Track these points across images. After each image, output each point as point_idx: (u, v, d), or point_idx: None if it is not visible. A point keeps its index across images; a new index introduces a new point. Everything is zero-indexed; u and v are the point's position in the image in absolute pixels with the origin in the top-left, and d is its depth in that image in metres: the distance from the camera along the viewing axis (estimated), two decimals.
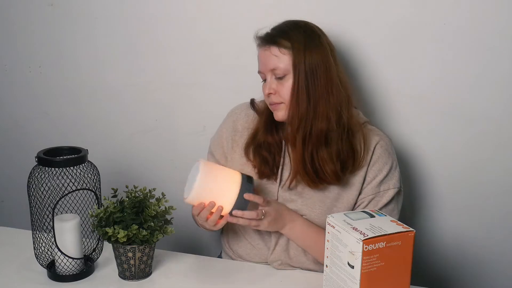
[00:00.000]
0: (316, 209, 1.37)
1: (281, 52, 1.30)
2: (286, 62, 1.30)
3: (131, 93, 1.83)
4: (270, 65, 1.31)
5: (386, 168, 1.36)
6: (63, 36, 1.85)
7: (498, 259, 1.65)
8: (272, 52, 1.31)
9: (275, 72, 1.31)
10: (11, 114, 2.00)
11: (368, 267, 1.02)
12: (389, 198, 1.36)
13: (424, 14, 1.49)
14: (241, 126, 1.45)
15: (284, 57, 1.30)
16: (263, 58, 1.33)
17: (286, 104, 1.32)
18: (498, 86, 1.50)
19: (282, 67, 1.30)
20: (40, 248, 1.32)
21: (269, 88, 1.33)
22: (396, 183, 1.38)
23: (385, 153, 1.37)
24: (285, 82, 1.31)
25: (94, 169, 1.30)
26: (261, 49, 1.34)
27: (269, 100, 1.35)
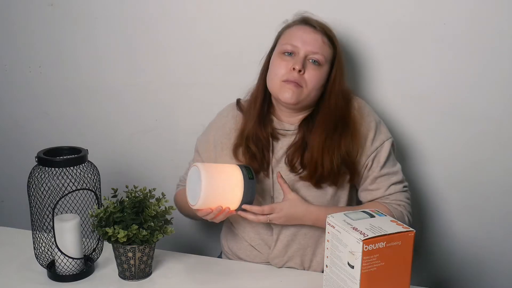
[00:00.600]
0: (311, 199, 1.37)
1: (328, 44, 1.36)
2: (328, 54, 1.36)
3: (131, 93, 1.83)
4: (314, 47, 1.33)
5: (372, 125, 1.38)
6: (63, 36, 1.85)
7: (498, 259, 1.64)
8: (322, 39, 1.35)
9: (315, 56, 1.33)
10: (11, 114, 2.00)
11: (368, 267, 1.02)
12: (387, 151, 1.39)
13: (424, 14, 1.49)
14: (229, 128, 1.46)
15: (329, 50, 1.36)
16: (308, 37, 1.34)
17: (305, 91, 1.33)
18: (498, 86, 1.50)
19: (325, 56, 1.35)
20: (40, 248, 1.32)
21: (301, 65, 1.32)
22: (387, 135, 1.41)
23: (366, 114, 1.39)
24: (319, 70, 1.34)
25: (94, 169, 1.30)
26: (309, 30, 1.36)
27: (289, 76, 1.32)
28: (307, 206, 1.34)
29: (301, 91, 1.32)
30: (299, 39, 1.34)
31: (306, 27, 1.36)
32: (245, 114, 1.44)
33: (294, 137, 1.40)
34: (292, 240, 1.39)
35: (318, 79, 1.33)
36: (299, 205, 1.33)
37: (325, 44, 1.35)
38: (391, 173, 1.39)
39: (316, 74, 1.33)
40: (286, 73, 1.32)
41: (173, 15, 1.71)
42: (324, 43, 1.35)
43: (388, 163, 1.39)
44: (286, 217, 1.33)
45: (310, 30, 1.35)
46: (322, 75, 1.34)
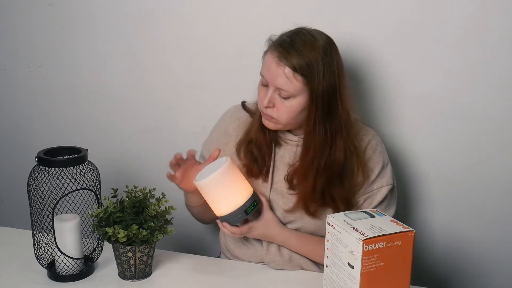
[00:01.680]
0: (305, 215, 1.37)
1: (295, 77, 1.24)
2: (297, 88, 1.25)
3: (131, 93, 1.83)
4: (278, 83, 1.25)
5: (378, 167, 1.36)
6: (63, 36, 1.85)
7: (498, 259, 1.64)
8: (285, 72, 1.24)
9: (281, 91, 1.26)
10: (11, 114, 2.00)
11: (368, 267, 1.02)
12: (383, 195, 1.37)
13: (425, 14, 1.49)
14: (232, 129, 1.46)
15: (296, 83, 1.24)
16: (273, 71, 1.26)
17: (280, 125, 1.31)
18: (498, 86, 1.50)
19: (290, 91, 1.25)
20: (40, 248, 1.32)
21: (268, 102, 1.28)
22: (389, 180, 1.38)
23: (375, 153, 1.37)
24: (288, 103, 1.27)
25: (94, 169, 1.30)
26: (274, 60, 1.26)
27: (264, 110, 1.31)
28: (280, 228, 1.37)
29: (277, 122, 1.31)
30: (267, 71, 1.27)
31: (272, 57, 1.26)
32: (253, 116, 1.43)
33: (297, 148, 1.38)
34: None
35: (288, 112, 1.28)
36: (273, 225, 1.36)
37: (290, 79, 1.23)
38: None
39: (285, 109, 1.27)
40: (262, 105, 1.30)
41: (173, 15, 1.71)
42: (289, 78, 1.23)
43: (380, 207, 1.37)
44: (260, 236, 1.37)
45: (276, 63, 1.24)
46: (293, 107, 1.27)
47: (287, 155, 1.40)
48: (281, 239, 1.37)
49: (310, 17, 1.40)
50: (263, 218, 1.35)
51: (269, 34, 1.39)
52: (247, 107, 1.46)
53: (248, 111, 1.46)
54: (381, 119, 1.60)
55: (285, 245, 1.38)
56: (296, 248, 1.38)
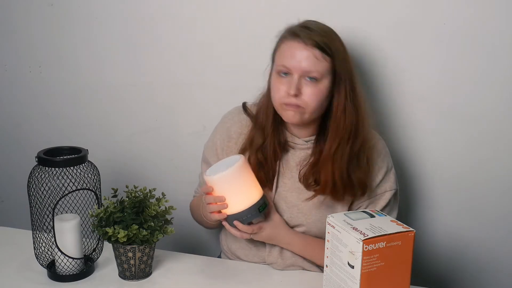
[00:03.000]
0: (312, 217, 1.37)
1: (324, 58, 1.26)
2: (325, 68, 1.26)
3: (131, 93, 1.83)
4: (307, 65, 1.25)
5: (381, 172, 1.37)
6: (63, 36, 1.85)
7: (498, 259, 1.64)
8: (314, 53, 1.25)
9: (310, 73, 1.26)
10: (11, 114, 2.00)
11: (368, 267, 1.02)
12: (386, 200, 1.37)
13: (424, 14, 1.49)
14: (234, 132, 1.44)
15: (324, 63, 1.26)
16: (299, 55, 1.25)
17: (307, 114, 1.29)
18: (498, 86, 1.50)
19: (319, 71, 1.26)
20: (40, 248, 1.32)
21: (297, 88, 1.26)
22: (392, 185, 1.38)
23: (380, 157, 1.37)
24: (317, 86, 1.27)
25: (94, 169, 1.30)
26: (298, 46, 1.26)
27: (288, 100, 1.28)
28: (286, 230, 1.36)
29: (303, 111, 1.29)
30: (291, 59, 1.26)
31: (296, 43, 1.27)
32: (254, 120, 1.41)
33: (302, 152, 1.38)
34: None
35: (318, 95, 1.28)
36: (280, 227, 1.36)
37: (318, 59, 1.25)
38: None
39: (315, 92, 1.27)
40: (284, 97, 1.28)
41: (173, 15, 1.71)
42: (317, 58, 1.25)
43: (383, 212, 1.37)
44: (266, 237, 1.36)
45: (301, 47, 1.26)
46: (321, 90, 1.27)
47: (292, 159, 1.39)
48: (287, 241, 1.36)
49: (309, 17, 1.40)
50: (271, 219, 1.35)
51: (270, 33, 1.39)
52: (248, 110, 1.45)
53: (249, 114, 1.44)
54: (381, 119, 1.59)
55: (290, 247, 1.37)
56: (301, 251, 1.38)
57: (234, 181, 1.26)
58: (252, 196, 1.27)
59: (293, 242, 1.37)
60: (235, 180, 1.26)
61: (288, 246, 1.37)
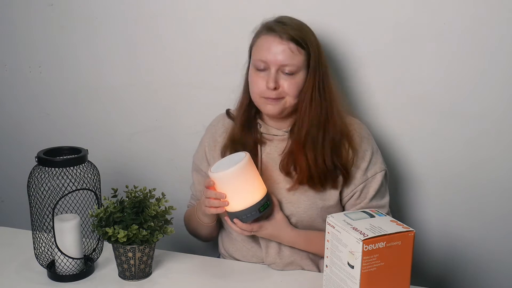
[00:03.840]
0: (301, 205, 1.36)
1: (298, 51, 1.29)
2: (300, 61, 1.30)
3: (131, 93, 1.83)
4: (283, 59, 1.29)
5: (368, 154, 1.37)
6: (63, 36, 1.85)
7: (498, 259, 1.64)
8: (290, 47, 1.29)
9: (286, 67, 1.29)
10: (11, 114, 2.00)
11: (368, 267, 1.02)
12: (378, 182, 1.38)
13: (424, 14, 1.49)
14: (219, 136, 1.47)
15: (299, 56, 1.30)
16: (275, 49, 1.29)
17: (289, 98, 1.32)
18: (498, 86, 1.50)
19: (295, 64, 1.29)
20: (40, 248, 1.32)
21: (275, 82, 1.30)
22: (381, 166, 1.39)
23: (363, 140, 1.38)
24: (294, 78, 1.31)
25: (94, 169, 1.30)
26: (274, 39, 1.30)
27: (267, 94, 1.31)
28: (290, 229, 1.36)
29: (284, 102, 1.32)
30: (267, 53, 1.30)
31: (271, 37, 1.30)
32: (235, 120, 1.44)
33: (283, 143, 1.40)
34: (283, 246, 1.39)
35: (296, 86, 1.31)
36: (283, 226, 1.35)
37: (293, 52, 1.29)
38: (378, 206, 1.39)
39: (292, 83, 1.31)
40: (263, 91, 1.32)
41: (173, 15, 1.71)
42: (293, 51, 1.29)
43: (377, 196, 1.39)
44: (269, 235, 1.36)
45: (276, 41, 1.29)
46: (299, 82, 1.31)
47: (274, 151, 1.40)
48: (290, 239, 1.36)
49: (310, 17, 1.40)
50: (273, 218, 1.34)
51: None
52: (231, 115, 1.48)
53: (232, 118, 1.47)
54: (381, 119, 1.60)
55: (294, 245, 1.37)
56: (305, 248, 1.38)
57: (237, 180, 1.25)
58: (253, 196, 1.27)
59: (296, 241, 1.37)
60: (238, 178, 1.25)
61: (291, 244, 1.37)
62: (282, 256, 1.38)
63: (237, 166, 1.23)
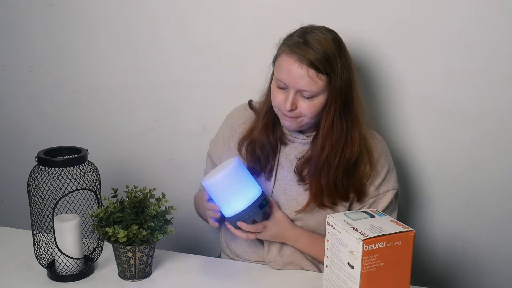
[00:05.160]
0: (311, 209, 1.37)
1: (319, 77, 1.24)
2: (320, 87, 1.26)
3: (131, 93, 1.83)
4: (301, 85, 1.25)
5: (383, 171, 1.37)
6: (63, 36, 1.85)
7: (498, 259, 1.64)
8: (309, 73, 1.24)
9: (304, 93, 1.27)
10: (11, 114, 2.00)
11: (368, 267, 1.02)
12: (388, 200, 1.37)
13: (424, 14, 1.49)
14: (237, 126, 1.46)
15: (320, 82, 1.25)
16: (294, 74, 1.25)
17: (306, 119, 1.30)
18: (498, 86, 1.50)
19: (314, 91, 1.26)
20: (40, 248, 1.32)
21: (292, 104, 1.27)
22: (394, 184, 1.39)
23: (382, 157, 1.38)
24: (313, 101, 1.28)
25: (94, 169, 1.30)
26: (294, 63, 1.25)
27: (284, 112, 1.30)
28: (292, 227, 1.36)
29: (301, 120, 1.31)
30: (287, 75, 1.26)
31: (291, 60, 1.25)
32: (257, 114, 1.43)
33: (303, 146, 1.39)
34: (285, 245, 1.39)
35: (313, 109, 1.29)
36: (285, 225, 1.36)
37: (312, 79, 1.24)
38: None
39: (310, 106, 1.28)
40: (281, 108, 1.30)
41: (173, 15, 1.71)
42: (311, 78, 1.24)
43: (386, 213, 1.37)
44: (272, 236, 1.36)
45: (296, 65, 1.24)
46: (316, 105, 1.28)
47: (292, 153, 1.40)
48: (293, 238, 1.36)
49: (310, 18, 1.40)
50: (274, 217, 1.34)
51: (270, 34, 1.39)
52: (253, 106, 1.47)
53: (254, 110, 1.46)
54: (381, 119, 1.60)
55: (296, 244, 1.37)
56: (306, 248, 1.38)
57: (230, 183, 1.26)
58: (250, 194, 1.28)
59: (300, 239, 1.37)
60: (231, 181, 1.26)
61: (295, 243, 1.37)
62: (282, 255, 1.38)
63: (227, 169, 1.25)
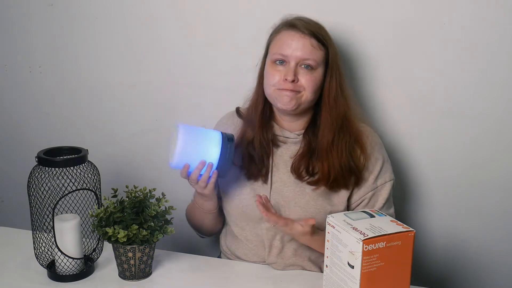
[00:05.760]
0: (310, 209, 1.36)
1: (318, 46, 1.31)
2: (320, 57, 1.32)
3: (131, 93, 1.83)
4: (305, 54, 1.30)
5: (379, 163, 1.38)
6: (63, 36, 1.85)
7: (498, 259, 1.65)
8: (311, 42, 1.31)
9: (307, 61, 1.31)
10: (11, 114, 2.00)
11: (368, 267, 1.02)
12: (387, 191, 1.39)
13: (424, 14, 1.49)
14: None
15: (320, 52, 1.32)
16: (296, 44, 1.30)
17: (306, 93, 1.32)
18: (498, 86, 1.50)
19: (315, 59, 1.31)
20: (40, 248, 1.32)
21: (293, 74, 1.30)
22: (391, 175, 1.40)
23: (375, 149, 1.38)
24: (313, 74, 1.32)
25: (94, 169, 1.30)
26: (295, 35, 1.31)
27: (284, 86, 1.31)
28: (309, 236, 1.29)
29: (300, 96, 1.32)
30: (288, 46, 1.31)
31: (293, 32, 1.32)
32: (245, 119, 1.44)
33: (295, 145, 1.40)
34: (286, 246, 1.39)
35: (314, 82, 1.32)
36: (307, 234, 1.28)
37: (314, 47, 1.31)
38: None
39: (311, 79, 1.31)
40: (280, 83, 1.32)
41: (173, 15, 1.71)
42: (314, 46, 1.31)
43: (385, 206, 1.39)
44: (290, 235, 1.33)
45: (298, 35, 1.31)
46: (317, 78, 1.33)
47: (285, 153, 1.40)
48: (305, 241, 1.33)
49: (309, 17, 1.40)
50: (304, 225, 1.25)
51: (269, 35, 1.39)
52: (241, 113, 1.48)
53: (241, 116, 1.47)
54: (381, 119, 1.60)
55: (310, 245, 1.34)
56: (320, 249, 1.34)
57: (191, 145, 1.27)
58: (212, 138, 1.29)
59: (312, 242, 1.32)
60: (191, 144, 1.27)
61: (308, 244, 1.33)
62: (283, 257, 1.38)
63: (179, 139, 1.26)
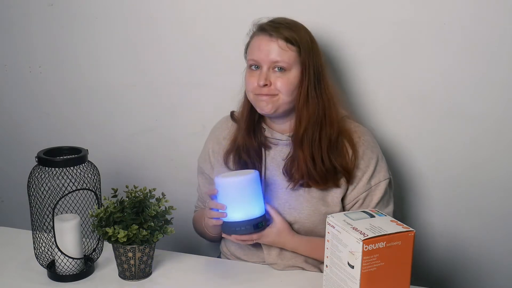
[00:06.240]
0: (304, 210, 1.36)
1: (288, 47, 1.30)
2: (291, 58, 1.31)
3: (131, 93, 1.83)
4: (273, 56, 1.30)
5: (372, 163, 1.37)
6: (63, 36, 1.85)
7: (498, 259, 1.64)
8: (279, 44, 1.30)
9: (277, 63, 1.30)
10: (11, 114, 2.00)
11: (368, 267, 1.02)
12: (382, 190, 1.38)
13: (424, 14, 1.49)
14: (223, 139, 1.48)
15: (290, 53, 1.30)
16: (265, 47, 1.31)
17: (282, 96, 1.32)
18: (498, 86, 1.50)
19: (286, 61, 1.30)
20: (40, 248, 1.32)
21: (265, 79, 1.31)
22: (385, 174, 1.39)
23: (369, 148, 1.38)
24: (287, 75, 1.31)
25: (94, 169, 1.30)
26: (264, 38, 1.32)
27: (259, 91, 1.32)
28: (291, 236, 1.36)
29: (276, 99, 1.33)
30: (258, 51, 1.32)
31: (261, 36, 1.33)
32: (237, 123, 1.45)
33: (287, 147, 1.40)
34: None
35: (288, 84, 1.31)
36: (284, 233, 1.35)
37: (283, 49, 1.30)
38: None
39: (284, 81, 1.31)
40: (256, 88, 1.33)
41: (173, 14, 1.71)
42: (282, 48, 1.30)
43: (381, 205, 1.38)
44: (272, 243, 1.35)
45: (266, 39, 1.32)
46: (290, 79, 1.31)
47: (278, 155, 1.40)
48: (292, 245, 1.36)
49: (310, 17, 1.40)
50: (275, 226, 1.34)
51: None
52: (235, 117, 1.48)
53: (235, 120, 1.47)
54: (381, 119, 1.60)
55: (296, 250, 1.37)
56: (307, 254, 1.38)
57: (240, 190, 1.27)
58: (253, 211, 1.28)
59: (299, 247, 1.37)
60: (242, 188, 1.27)
61: (294, 250, 1.37)
62: (283, 258, 1.38)
63: (245, 177, 1.26)
